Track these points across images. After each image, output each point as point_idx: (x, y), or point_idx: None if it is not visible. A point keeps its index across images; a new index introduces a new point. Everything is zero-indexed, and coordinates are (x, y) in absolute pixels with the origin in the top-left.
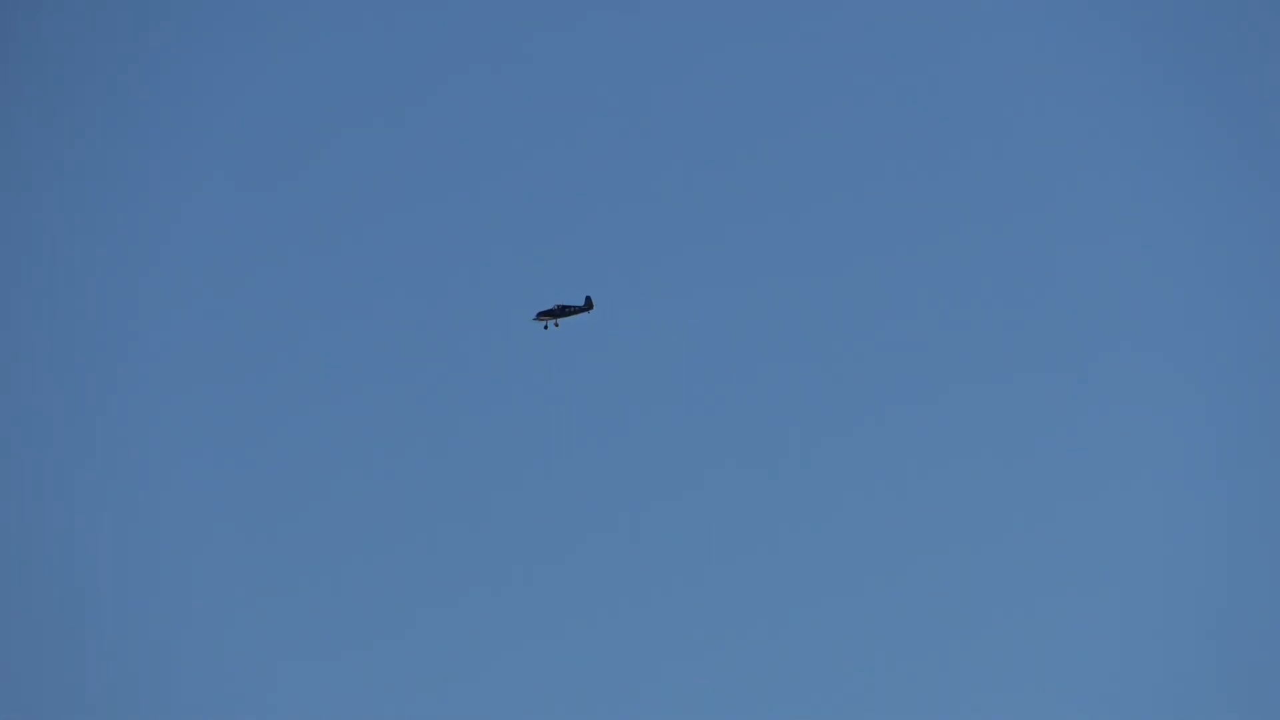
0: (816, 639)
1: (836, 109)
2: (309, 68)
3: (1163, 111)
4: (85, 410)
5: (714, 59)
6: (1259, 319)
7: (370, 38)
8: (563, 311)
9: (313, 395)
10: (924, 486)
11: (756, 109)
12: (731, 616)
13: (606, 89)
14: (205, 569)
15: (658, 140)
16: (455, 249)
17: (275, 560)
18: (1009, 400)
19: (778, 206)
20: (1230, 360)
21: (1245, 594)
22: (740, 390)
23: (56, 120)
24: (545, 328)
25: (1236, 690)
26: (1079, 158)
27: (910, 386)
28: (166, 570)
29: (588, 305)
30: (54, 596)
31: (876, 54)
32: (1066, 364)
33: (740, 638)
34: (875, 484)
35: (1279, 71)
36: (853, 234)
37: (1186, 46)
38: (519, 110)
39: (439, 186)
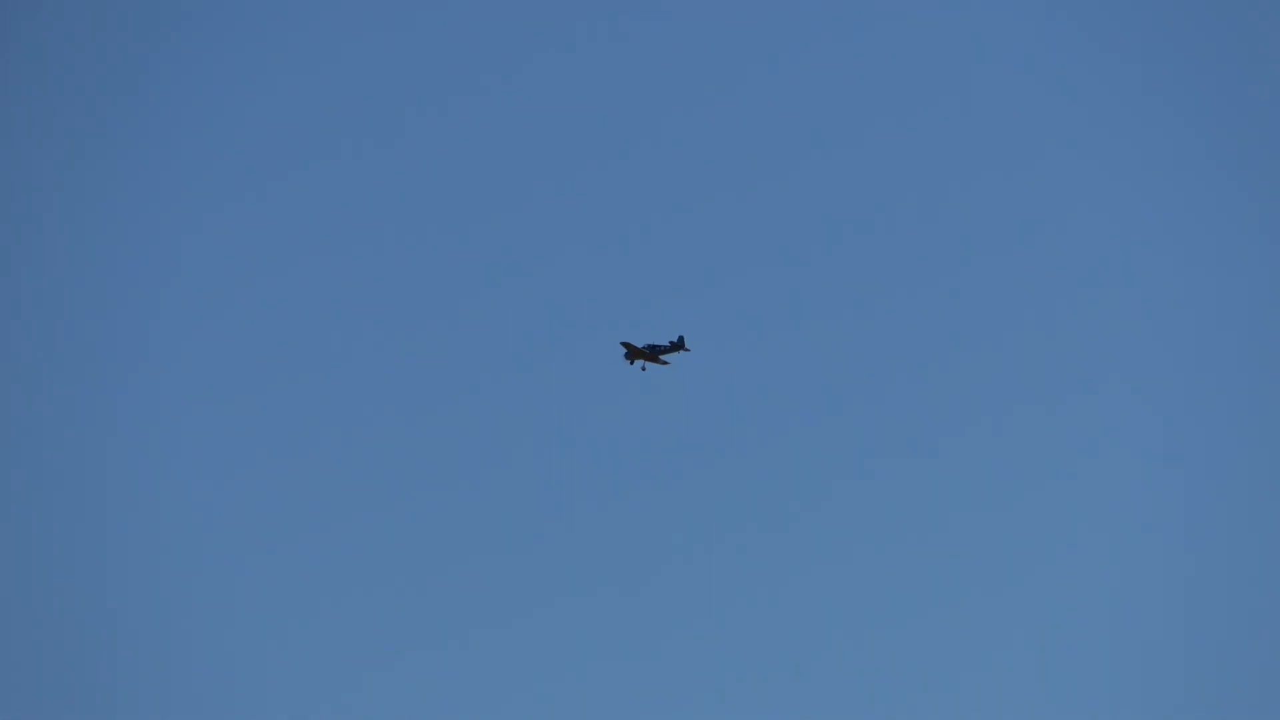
0: (813, 658)
1: (854, 126)
2: (335, 73)
3: (1173, 151)
4: (93, 415)
5: (731, 78)
6: (1256, 350)
7: (400, 47)
8: (653, 352)
9: (327, 402)
10: (930, 513)
11: (758, 138)
12: (737, 647)
13: (632, 102)
14: (209, 576)
15: (661, 151)
16: (473, 257)
17: (283, 569)
18: (1010, 425)
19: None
20: (1232, 387)
21: (1244, 615)
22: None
23: (59, 124)
24: (631, 362)
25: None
26: (1091, 189)
27: (921, 414)
28: (172, 576)
29: (679, 345)
30: (65, 602)
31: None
32: (1065, 394)
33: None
34: (890, 504)
35: None
36: (852, 252)
37: (1193, 73)
38: (540, 122)
39: (452, 197)
